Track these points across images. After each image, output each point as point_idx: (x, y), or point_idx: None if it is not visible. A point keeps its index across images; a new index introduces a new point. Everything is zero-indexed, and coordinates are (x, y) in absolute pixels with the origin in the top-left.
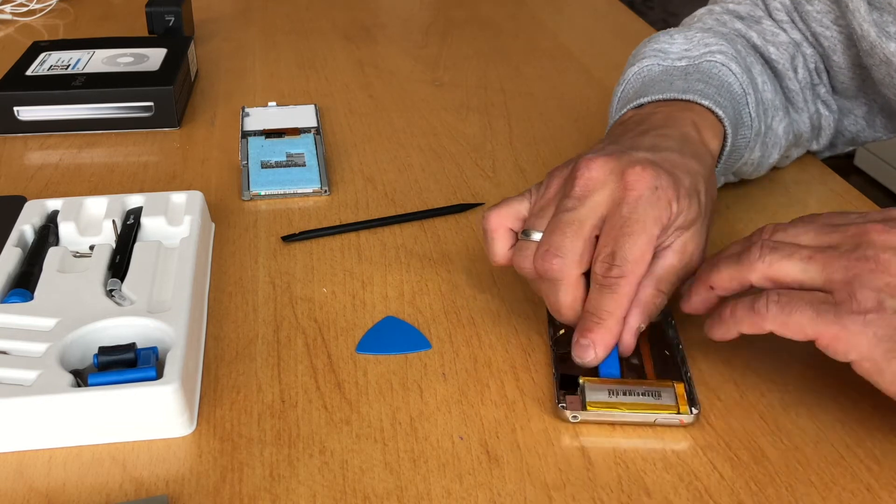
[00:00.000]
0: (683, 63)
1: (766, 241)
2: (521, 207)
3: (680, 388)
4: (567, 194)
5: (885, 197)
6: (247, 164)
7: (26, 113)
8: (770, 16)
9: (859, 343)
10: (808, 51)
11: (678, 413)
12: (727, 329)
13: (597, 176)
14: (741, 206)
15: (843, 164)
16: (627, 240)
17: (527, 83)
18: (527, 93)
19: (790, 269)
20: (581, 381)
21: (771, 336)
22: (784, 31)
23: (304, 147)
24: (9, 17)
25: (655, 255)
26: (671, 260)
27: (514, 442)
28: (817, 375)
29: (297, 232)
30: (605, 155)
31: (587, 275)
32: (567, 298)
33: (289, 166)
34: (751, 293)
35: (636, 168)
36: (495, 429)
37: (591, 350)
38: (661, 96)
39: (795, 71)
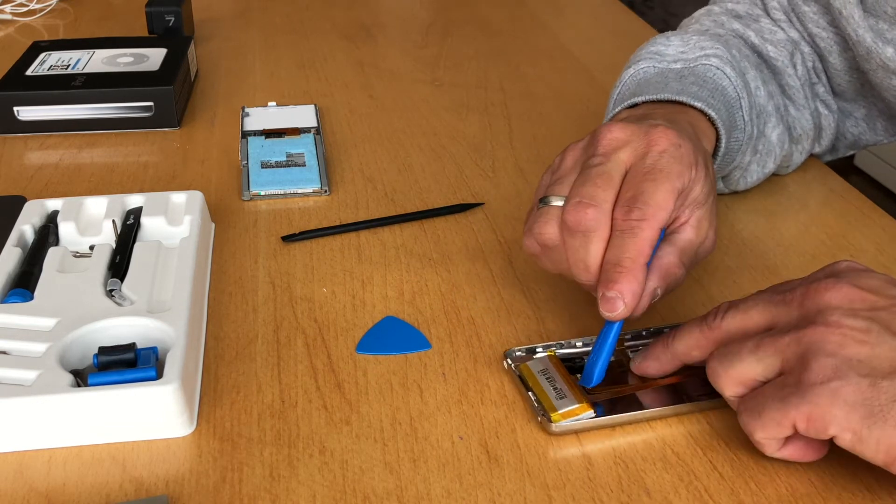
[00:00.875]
0: (679, 65)
1: (714, 354)
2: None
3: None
4: (591, 154)
5: (885, 197)
6: (247, 164)
7: (26, 113)
8: (768, 15)
9: (834, 415)
10: (806, 49)
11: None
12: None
13: (619, 136)
14: (741, 207)
15: (843, 164)
16: (650, 184)
17: (527, 83)
18: (527, 93)
19: (745, 368)
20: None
21: None
22: (782, 29)
23: (304, 147)
24: (9, 17)
25: (673, 231)
26: (689, 234)
27: (514, 442)
28: None
29: (297, 232)
30: (625, 122)
31: None
32: (599, 251)
33: (289, 166)
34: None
35: (659, 128)
36: (495, 429)
37: (620, 301)
38: (655, 96)
39: (795, 68)
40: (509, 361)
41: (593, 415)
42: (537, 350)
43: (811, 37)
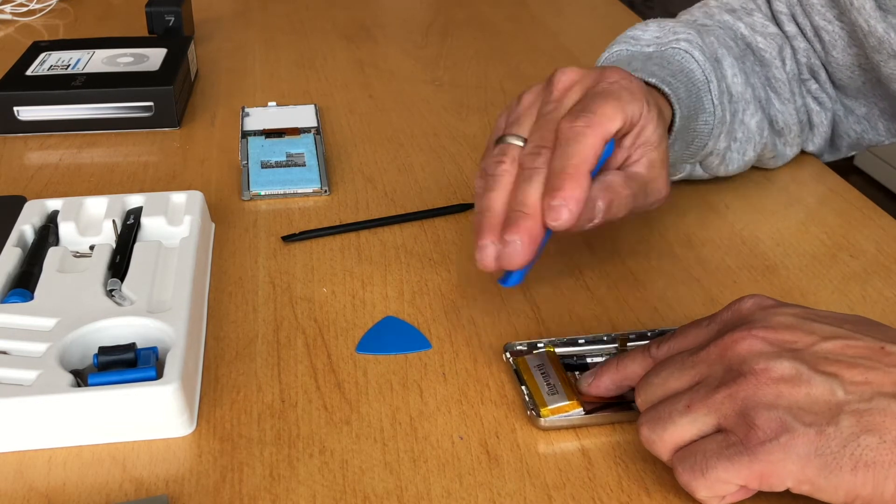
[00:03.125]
0: (651, 49)
1: (643, 420)
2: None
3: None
4: (546, 99)
5: (885, 197)
6: (247, 164)
7: (26, 113)
8: (770, 6)
9: (789, 470)
10: (802, 45)
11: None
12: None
13: (571, 77)
14: (740, 207)
15: (842, 164)
16: (598, 98)
17: (527, 83)
18: None
19: (680, 431)
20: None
21: None
22: (776, 24)
23: (304, 147)
24: (9, 17)
25: (623, 165)
26: (639, 168)
27: (514, 442)
28: None
29: (297, 232)
30: (574, 68)
31: None
32: (540, 188)
33: (289, 166)
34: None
35: (608, 69)
36: (495, 429)
37: (565, 208)
38: (613, 59)
39: (783, 62)
40: (508, 355)
41: (583, 412)
42: (538, 345)
43: (816, 30)
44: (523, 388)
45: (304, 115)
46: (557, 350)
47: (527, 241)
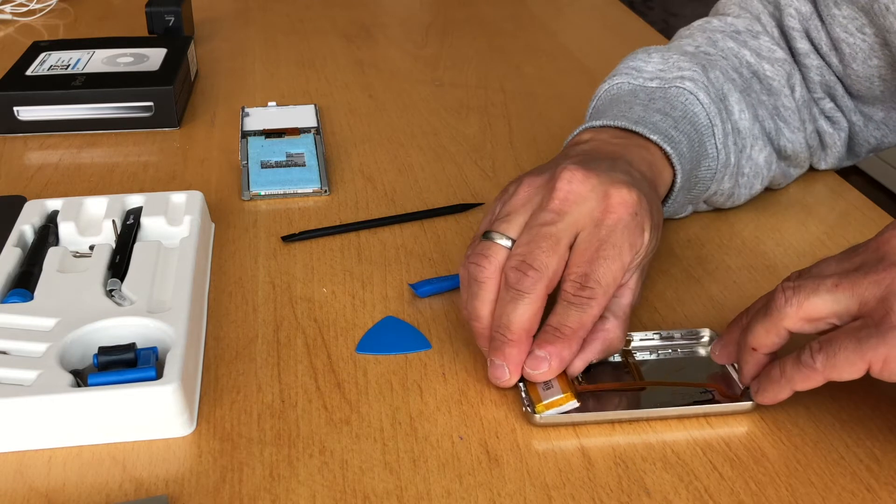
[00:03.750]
0: (654, 84)
1: (788, 285)
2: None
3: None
4: (545, 206)
5: (886, 197)
6: (247, 164)
7: (26, 113)
8: (779, 25)
9: None
10: (815, 62)
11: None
12: (779, 390)
13: (578, 190)
14: (741, 207)
15: None
16: (602, 263)
17: (527, 83)
18: (527, 93)
19: (820, 304)
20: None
21: None
22: (786, 43)
23: (304, 147)
24: (9, 17)
25: (614, 295)
26: (628, 298)
27: (514, 442)
28: None
29: (297, 232)
30: (587, 169)
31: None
32: (527, 315)
33: (289, 166)
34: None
35: (622, 190)
36: (495, 429)
37: (546, 362)
38: (612, 122)
39: (792, 89)
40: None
41: (577, 404)
42: None
43: (834, 42)
44: (521, 384)
45: (304, 115)
46: None
47: (512, 366)
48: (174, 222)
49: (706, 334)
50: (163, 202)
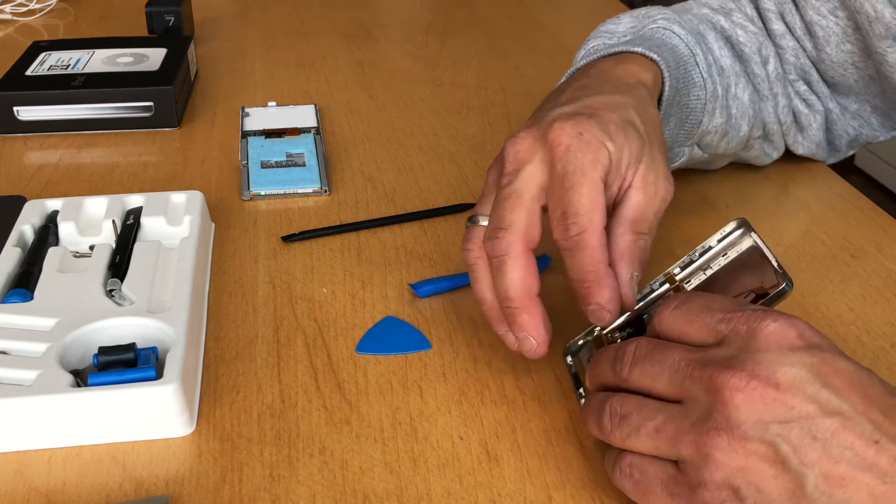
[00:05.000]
0: (628, 38)
1: (615, 411)
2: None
3: None
4: (501, 173)
5: (886, 197)
6: (247, 164)
7: (26, 113)
8: (756, 5)
9: None
10: (791, 44)
11: None
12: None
13: (522, 147)
14: (740, 206)
15: (843, 164)
16: (572, 193)
17: (527, 83)
18: (527, 93)
19: (640, 443)
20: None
21: None
22: (762, 22)
23: (304, 147)
24: (9, 17)
25: (619, 200)
26: (637, 197)
27: (515, 442)
28: None
29: (297, 232)
30: (525, 129)
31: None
32: (516, 277)
33: (289, 166)
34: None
35: (554, 125)
36: (495, 429)
37: (604, 311)
38: (591, 57)
39: (765, 61)
40: (569, 359)
41: None
42: (594, 331)
43: (808, 25)
44: (580, 391)
45: (304, 115)
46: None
47: (533, 331)
48: (174, 222)
49: (732, 229)
50: (163, 202)
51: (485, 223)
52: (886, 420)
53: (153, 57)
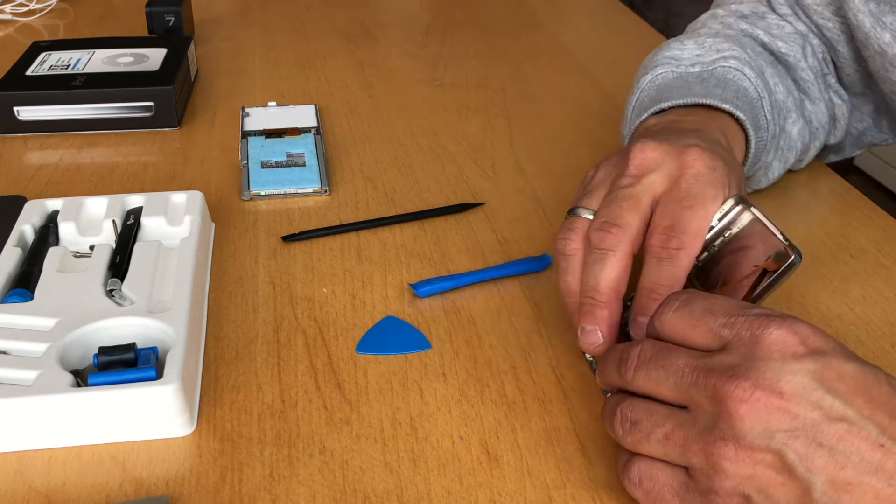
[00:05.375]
0: (697, 69)
1: (626, 416)
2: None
3: None
4: (621, 174)
5: (886, 197)
6: (247, 163)
7: (26, 113)
8: (774, 10)
9: None
10: (815, 41)
11: None
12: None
13: (652, 156)
14: None
15: (843, 164)
16: (686, 212)
17: (527, 83)
18: (527, 93)
19: (651, 449)
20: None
21: None
22: (789, 23)
23: (304, 147)
24: (9, 17)
25: None
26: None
27: (515, 442)
28: None
29: (297, 232)
30: (659, 140)
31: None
32: (613, 273)
33: (289, 166)
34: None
35: (694, 150)
36: (495, 429)
37: (642, 327)
38: (681, 101)
39: (807, 60)
40: (588, 356)
41: None
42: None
43: (818, 28)
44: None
45: (304, 115)
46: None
47: (605, 328)
48: (174, 222)
49: (731, 206)
50: (163, 202)
51: (587, 216)
52: (892, 422)
53: (153, 57)
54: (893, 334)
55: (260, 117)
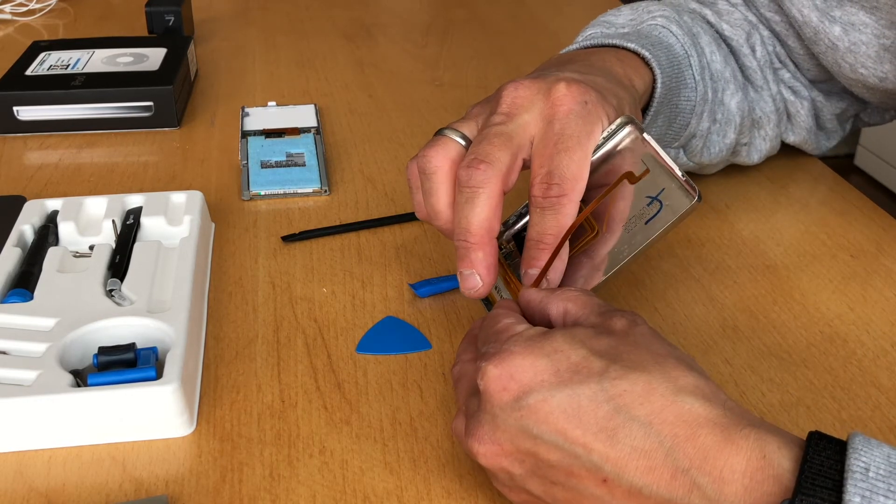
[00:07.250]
0: (626, 30)
1: (483, 436)
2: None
3: None
4: (493, 111)
5: (886, 197)
6: (247, 163)
7: (26, 113)
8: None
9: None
10: (765, 33)
11: None
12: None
13: (524, 94)
14: (740, 206)
15: (843, 164)
16: (563, 156)
17: None
18: None
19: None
20: None
21: (771, 337)
22: (739, 11)
23: (304, 147)
24: (9, 17)
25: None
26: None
27: None
28: (817, 375)
29: (297, 232)
30: (530, 78)
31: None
32: (484, 213)
33: (289, 166)
34: None
35: (561, 84)
36: None
37: (532, 279)
38: (587, 43)
39: (753, 49)
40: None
41: None
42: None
43: (767, 21)
44: (484, 303)
45: (304, 115)
46: None
47: (482, 270)
48: (174, 222)
49: (620, 123)
50: (163, 202)
51: (454, 137)
52: (609, 445)
53: (153, 57)
54: (893, 334)
55: (260, 117)
